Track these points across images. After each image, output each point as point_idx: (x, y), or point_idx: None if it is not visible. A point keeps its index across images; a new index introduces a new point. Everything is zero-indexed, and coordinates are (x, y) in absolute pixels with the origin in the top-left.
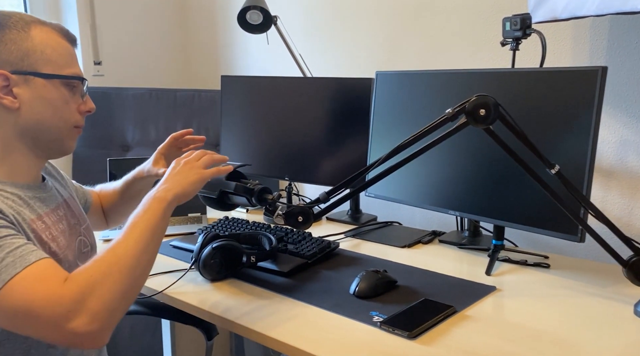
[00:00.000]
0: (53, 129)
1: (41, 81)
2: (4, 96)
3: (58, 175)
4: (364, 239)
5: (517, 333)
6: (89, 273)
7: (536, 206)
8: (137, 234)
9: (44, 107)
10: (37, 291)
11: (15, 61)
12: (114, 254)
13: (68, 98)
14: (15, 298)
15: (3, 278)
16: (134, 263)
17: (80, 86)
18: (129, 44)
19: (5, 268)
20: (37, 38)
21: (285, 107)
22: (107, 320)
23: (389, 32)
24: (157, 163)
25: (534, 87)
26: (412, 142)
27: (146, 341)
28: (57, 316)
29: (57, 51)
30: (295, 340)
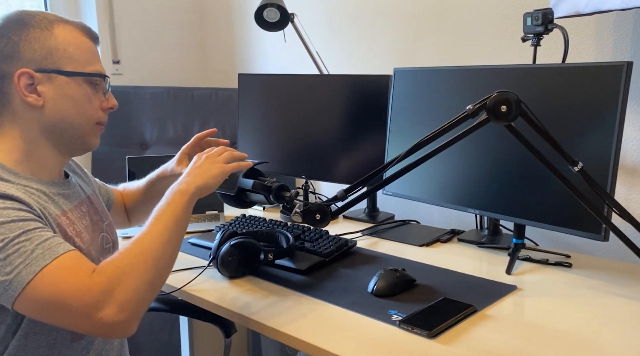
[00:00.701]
0: (76, 125)
1: (64, 78)
2: (29, 94)
3: (81, 172)
4: (382, 237)
5: (539, 333)
6: (115, 264)
7: (558, 204)
8: (161, 227)
9: (67, 104)
10: (67, 282)
11: (39, 60)
12: (140, 246)
13: (91, 95)
14: (45, 289)
15: (33, 269)
16: (160, 254)
17: (102, 83)
18: (147, 43)
19: (35, 259)
20: (60, 36)
21: (302, 105)
22: (134, 309)
23: (407, 28)
24: (181, 163)
25: (556, 84)
26: (432, 139)
27: (164, 339)
28: (87, 306)
29: (79, 49)
30: (314, 338)
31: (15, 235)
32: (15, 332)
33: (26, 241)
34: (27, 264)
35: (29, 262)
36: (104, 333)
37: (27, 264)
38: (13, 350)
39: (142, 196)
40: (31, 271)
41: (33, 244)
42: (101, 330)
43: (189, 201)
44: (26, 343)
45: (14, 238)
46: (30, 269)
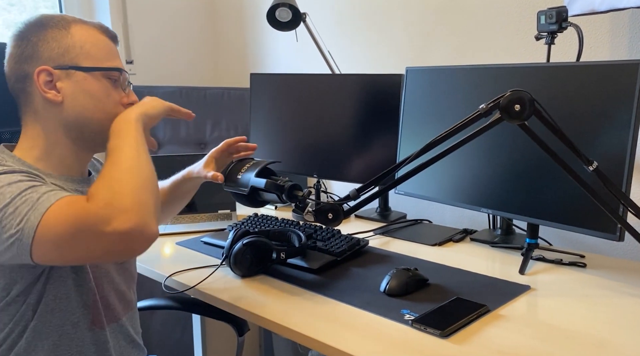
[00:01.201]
0: (95, 120)
1: (82, 74)
2: (48, 90)
3: None
4: (394, 237)
5: (553, 334)
6: (102, 183)
7: (572, 204)
8: (126, 146)
9: (86, 99)
10: (69, 212)
11: (56, 57)
12: (114, 163)
13: (110, 90)
14: (54, 225)
15: (40, 211)
16: (135, 163)
17: (121, 79)
18: (160, 43)
19: (40, 204)
20: (77, 35)
21: (314, 105)
22: (140, 212)
23: (419, 27)
24: (208, 166)
25: (570, 82)
26: (444, 138)
27: (176, 337)
28: (95, 224)
29: (96, 46)
30: (326, 337)
31: (22, 190)
32: (35, 310)
33: (32, 193)
34: (34, 209)
35: (35, 207)
36: (126, 245)
37: (34, 209)
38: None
39: (167, 197)
40: (38, 214)
41: (38, 194)
42: (122, 243)
43: (136, 124)
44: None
45: (21, 192)
46: (37, 212)
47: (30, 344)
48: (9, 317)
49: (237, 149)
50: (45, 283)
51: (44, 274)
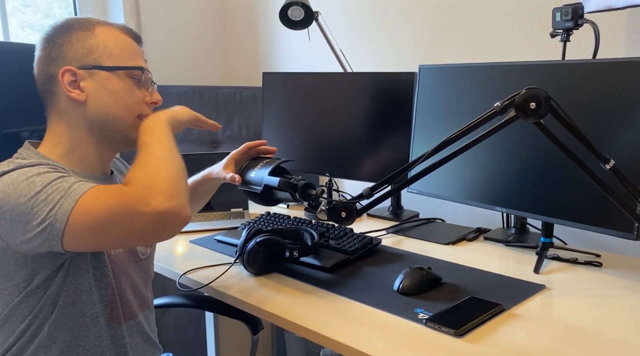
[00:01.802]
0: (117, 119)
1: (105, 73)
2: (72, 89)
3: (127, 171)
4: (406, 235)
5: (569, 334)
6: (139, 170)
7: (588, 202)
8: (158, 143)
9: (108, 97)
10: (107, 196)
11: (80, 57)
12: (150, 155)
13: (132, 88)
14: (90, 209)
15: (74, 198)
16: (170, 157)
17: (144, 78)
18: (173, 43)
19: (73, 191)
20: (100, 35)
21: (326, 103)
22: (177, 195)
23: (432, 25)
24: (227, 167)
25: (586, 80)
26: (459, 137)
27: (189, 335)
28: (135, 204)
29: (119, 46)
30: (340, 335)
31: (53, 178)
32: (56, 302)
33: (63, 182)
34: (67, 196)
35: (68, 194)
36: (162, 225)
37: (67, 196)
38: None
39: None
40: (72, 200)
41: (69, 183)
42: (158, 224)
43: (166, 126)
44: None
45: (52, 181)
46: (70, 199)
47: (52, 336)
48: (29, 309)
49: (258, 152)
50: (66, 275)
51: (64, 267)
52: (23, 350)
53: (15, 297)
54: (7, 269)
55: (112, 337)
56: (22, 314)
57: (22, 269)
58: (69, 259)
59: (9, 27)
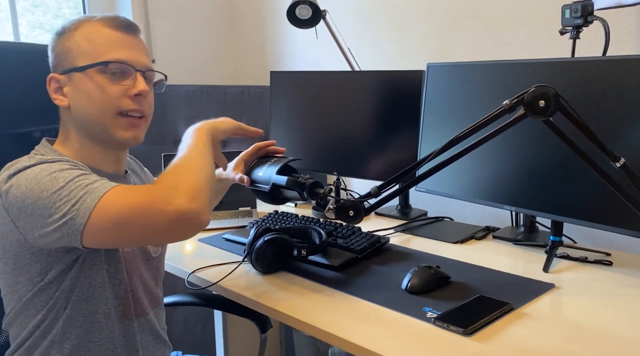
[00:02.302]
0: (94, 120)
1: (79, 74)
2: (56, 96)
3: (141, 172)
4: (415, 234)
5: (578, 333)
6: (172, 171)
7: (598, 201)
8: (195, 148)
9: (83, 99)
10: (133, 193)
11: (61, 63)
12: (185, 159)
13: (105, 85)
14: (114, 205)
15: (97, 195)
16: (203, 163)
17: (122, 69)
18: (180, 42)
19: (96, 189)
20: (78, 35)
21: (334, 102)
22: (201, 198)
23: (440, 22)
24: (237, 167)
25: (596, 77)
26: (467, 135)
27: (198, 333)
28: (159, 202)
29: (93, 42)
30: (348, 334)
31: (75, 175)
32: (69, 298)
33: (85, 179)
34: (90, 193)
35: (91, 191)
36: (182, 225)
37: (90, 193)
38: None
39: None
40: (96, 197)
41: (92, 180)
42: (179, 223)
43: (207, 134)
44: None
45: (74, 177)
46: (94, 195)
47: (66, 331)
48: (42, 303)
49: (267, 152)
50: (80, 271)
51: (78, 262)
52: (37, 345)
53: (29, 291)
54: (22, 262)
55: (123, 334)
56: (35, 308)
57: (37, 263)
58: (84, 255)
59: (19, 27)
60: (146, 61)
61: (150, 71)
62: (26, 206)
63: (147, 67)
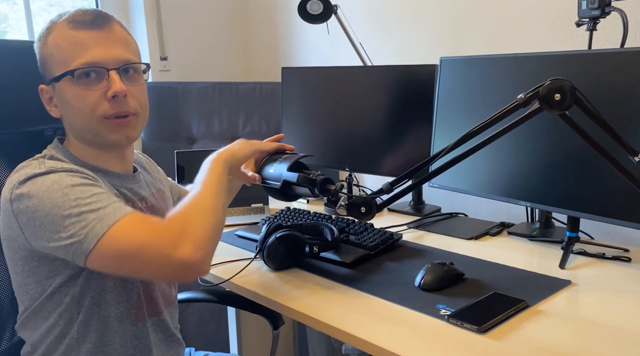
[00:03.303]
0: (82, 126)
1: (58, 84)
2: (50, 107)
3: (152, 169)
4: (428, 230)
5: (595, 331)
6: (182, 212)
7: (615, 196)
8: (208, 186)
9: (67, 109)
10: (142, 229)
11: (43, 73)
12: (197, 199)
13: (82, 93)
14: (122, 238)
15: (107, 223)
16: (214, 204)
17: (100, 70)
18: (192, 39)
19: (107, 215)
20: (50, 42)
21: (346, 97)
22: (207, 247)
23: (453, 16)
24: (248, 166)
25: (614, 70)
26: (481, 130)
27: (211, 330)
28: (164, 247)
29: (62, 47)
30: (361, 331)
31: (86, 196)
32: (82, 303)
33: (97, 202)
34: (100, 219)
35: (102, 217)
36: (183, 272)
37: (100, 219)
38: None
39: None
40: (105, 225)
41: (104, 203)
42: (180, 270)
43: (224, 166)
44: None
45: (86, 198)
46: (104, 223)
47: (81, 336)
48: (53, 307)
49: (276, 149)
50: (90, 277)
51: (87, 269)
52: (53, 350)
53: (39, 294)
54: (30, 265)
55: (137, 335)
56: (47, 311)
57: (45, 266)
58: None
59: (34, 26)
60: (121, 53)
61: (126, 65)
62: (35, 218)
63: (122, 61)
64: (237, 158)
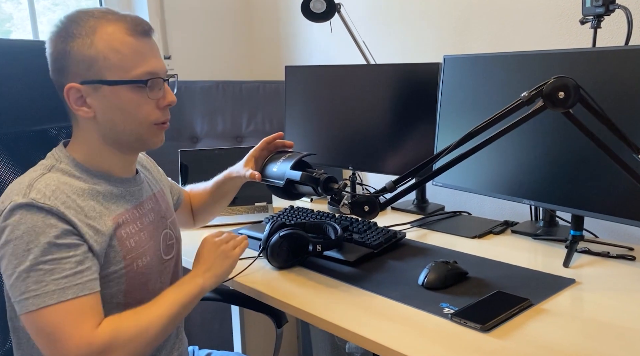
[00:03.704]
0: (129, 131)
1: (108, 88)
2: (79, 107)
3: (153, 168)
4: (431, 229)
5: (599, 329)
6: (120, 329)
7: (620, 194)
8: (169, 307)
9: (115, 113)
10: (69, 328)
11: (83, 72)
12: (145, 319)
13: (139, 100)
14: (45, 324)
15: (38, 302)
16: (162, 331)
17: (155, 83)
18: (196, 38)
19: (44, 294)
20: (101, 43)
21: (349, 96)
22: None
23: (457, 14)
24: (248, 164)
25: (618, 67)
26: (485, 128)
27: (215, 328)
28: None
29: (121, 53)
30: (364, 330)
31: (44, 260)
32: None
33: (46, 273)
34: (36, 294)
35: (39, 293)
36: None
37: (36, 294)
38: None
39: (209, 197)
40: (36, 303)
41: (51, 277)
42: None
43: (200, 294)
44: None
45: (39, 263)
46: (37, 300)
47: None
48: None
49: (276, 146)
50: None
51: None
52: None
53: None
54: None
55: None
56: None
57: None
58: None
59: (38, 26)
60: (164, 64)
61: (171, 76)
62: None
63: (166, 72)
64: (219, 282)
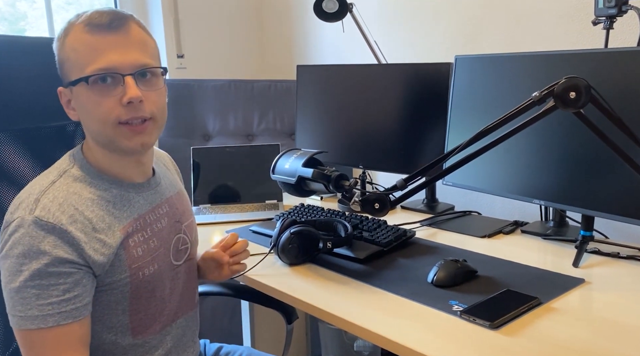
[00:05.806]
0: (97, 132)
1: (75, 88)
2: (69, 110)
3: (173, 170)
4: (441, 228)
5: (608, 328)
6: None
7: (631, 195)
8: None
9: (83, 113)
10: (48, 354)
11: (61, 75)
12: None
13: (97, 99)
14: (26, 345)
15: (20, 324)
16: None
17: (115, 76)
18: (209, 37)
19: (26, 318)
20: (67, 44)
21: (360, 95)
22: None
23: (468, 14)
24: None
25: (631, 68)
26: (495, 127)
27: (225, 323)
28: None
29: (78, 52)
30: (374, 326)
31: (29, 284)
32: None
33: (32, 297)
34: (21, 316)
35: (22, 316)
36: None
37: (21, 316)
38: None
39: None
40: (19, 324)
41: (37, 302)
42: None
43: None
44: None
45: (27, 286)
46: (20, 321)
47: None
48: None
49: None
50: (98, 296)
51: (102, 291)
52: None
53: None
54: None
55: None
56: None
57: None
58: (108, 284)
59: (54, 24)
60: (138, 57)
61: (142, 69)
62: (2, 265)
63: (138, 66)
64: None
